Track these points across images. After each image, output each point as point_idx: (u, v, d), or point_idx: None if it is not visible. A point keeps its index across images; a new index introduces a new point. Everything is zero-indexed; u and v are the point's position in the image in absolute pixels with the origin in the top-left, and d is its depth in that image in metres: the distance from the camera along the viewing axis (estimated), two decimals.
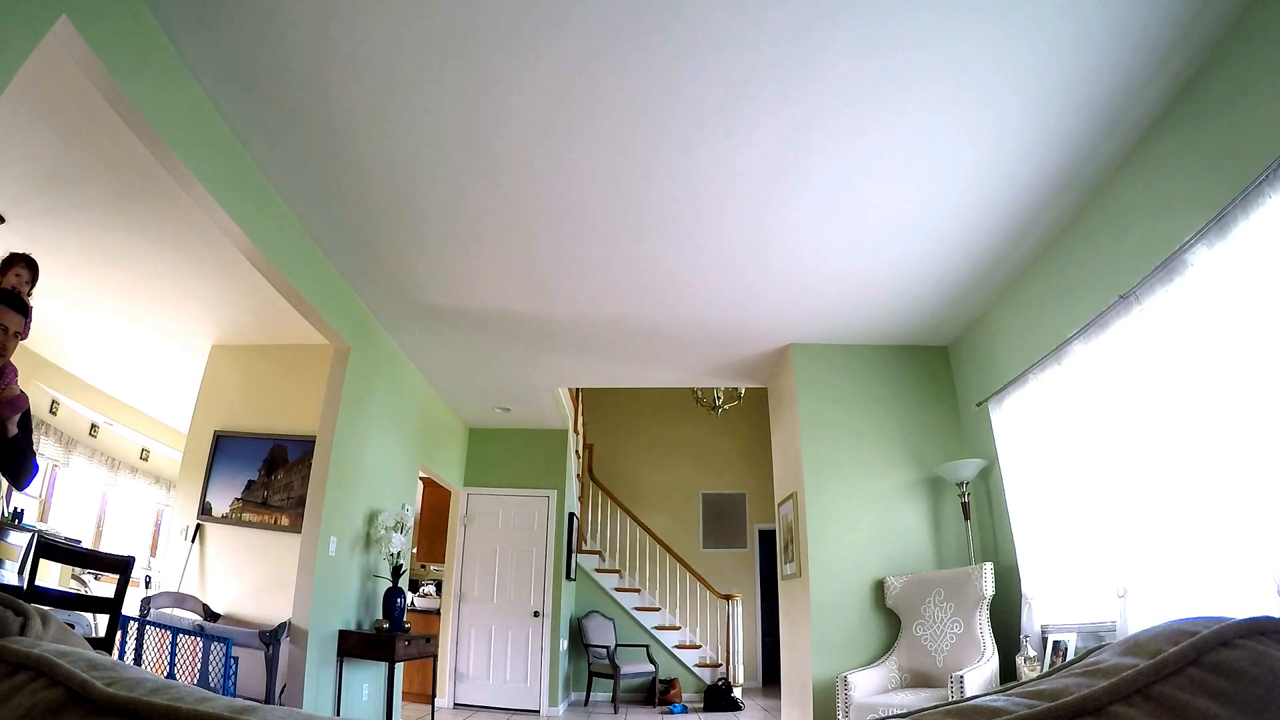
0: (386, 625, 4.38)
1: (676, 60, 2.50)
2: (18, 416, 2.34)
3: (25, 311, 2.39)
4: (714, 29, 2.37)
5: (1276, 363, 2.18)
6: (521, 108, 2.74)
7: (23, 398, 2.35)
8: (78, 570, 5.65)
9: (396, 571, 4.74)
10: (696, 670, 7.39)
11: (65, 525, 6.28)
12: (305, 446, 4.72)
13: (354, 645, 4.18)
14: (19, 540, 5.17)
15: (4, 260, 2.60)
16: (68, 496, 6.54)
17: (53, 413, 6.10)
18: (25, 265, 2.61)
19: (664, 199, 3.29)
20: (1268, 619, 0.41)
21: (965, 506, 4.17)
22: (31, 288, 2.63)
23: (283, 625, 3.75)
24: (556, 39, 2.42)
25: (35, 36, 1.95)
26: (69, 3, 2.01)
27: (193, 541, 4.77)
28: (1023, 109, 2.71)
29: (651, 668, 7.13)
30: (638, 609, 7.63)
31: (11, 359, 2.36)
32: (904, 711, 0.47)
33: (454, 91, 2.66)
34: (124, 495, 7.46)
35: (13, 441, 2.32)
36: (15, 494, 5.61)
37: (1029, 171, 3.07)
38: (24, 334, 2.50)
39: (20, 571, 4.56)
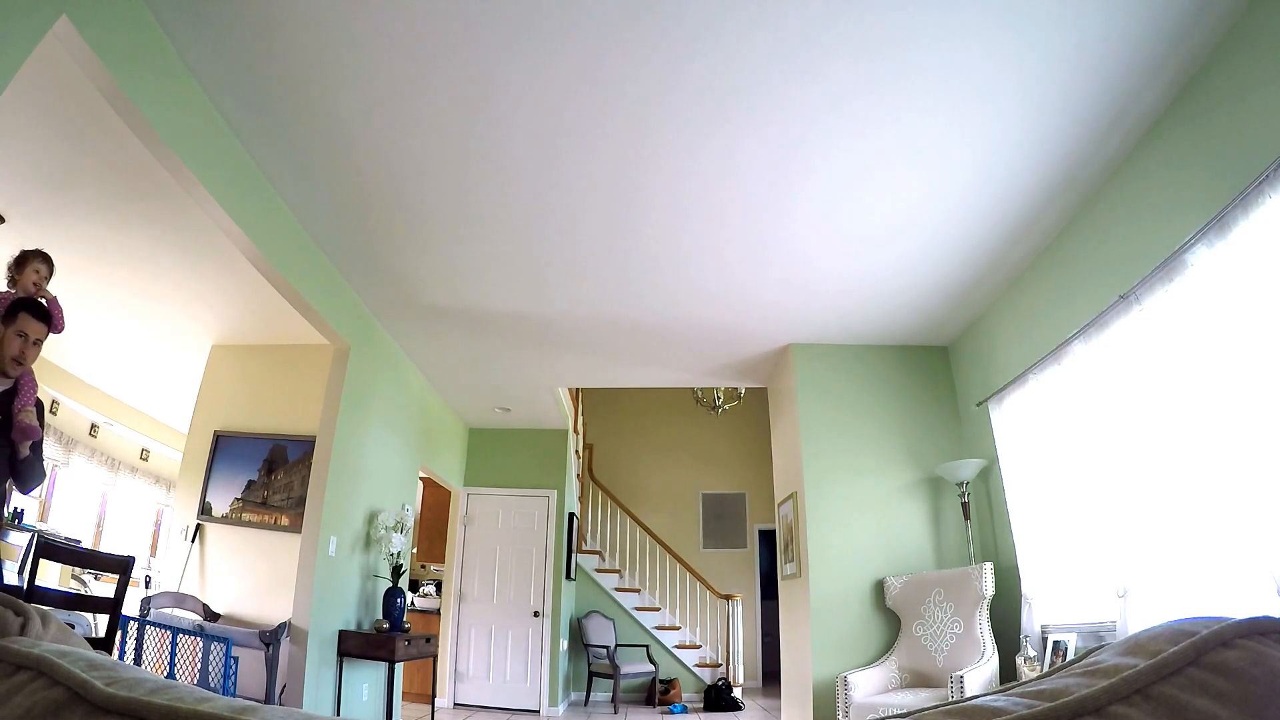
0: (386, 625, 4.38)
1: (677, 61, 2.50)
2: (29, 444, 2.30)
3: (47, 319, 2.35)
4: (714, 29, 2.37)
5: (1276, 363, 2.18)
6: (522, 109, 2.74)
7: (35, 429, 2.30)
8: (78, 570, 5.65)
9: (396, 571, 4.74)
10: (696, 670, 7.39)
11: (65, 525, 6.28)
12: (305, 446, 4.73)
13: (354, 645, 4.18)
14: (19, 540, 5.18)
15: (18, 258, 2.52)
16: (68, 496, 6.54)
17: (53, 413, 6.10)
18: (43, 261, 2.54)
19: (664, 199, 3.29)
20: (1268, 619, 0.41)
21: (965, 506, 4.16)
22: (48, 282, 2.58)
23: (283, 625, 3.75)
24: (557, 39, 2.42)
25: (35, 36, 1.95)
26: (69, 3, 2.01)
27: (193, 541, 4.77)
28: (1023, 109, 2.71)
29: (651, 668, 7.13)
30: (638, 609, 7.63)
31: (30, 367, 2.33)
32: (904, 711, 0.47)
33: (455, 91, 2.66)
34: (124, 495, 7.46)
35: (24, 460, 2.31)
36: (15, 494, 5.61)
37: (1029, 171, 3.07)
38: (59, 326, 2.48)
39: (20, 571, 4.56)
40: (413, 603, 7.08)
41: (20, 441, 2.25)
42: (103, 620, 2.94)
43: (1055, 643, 3.25)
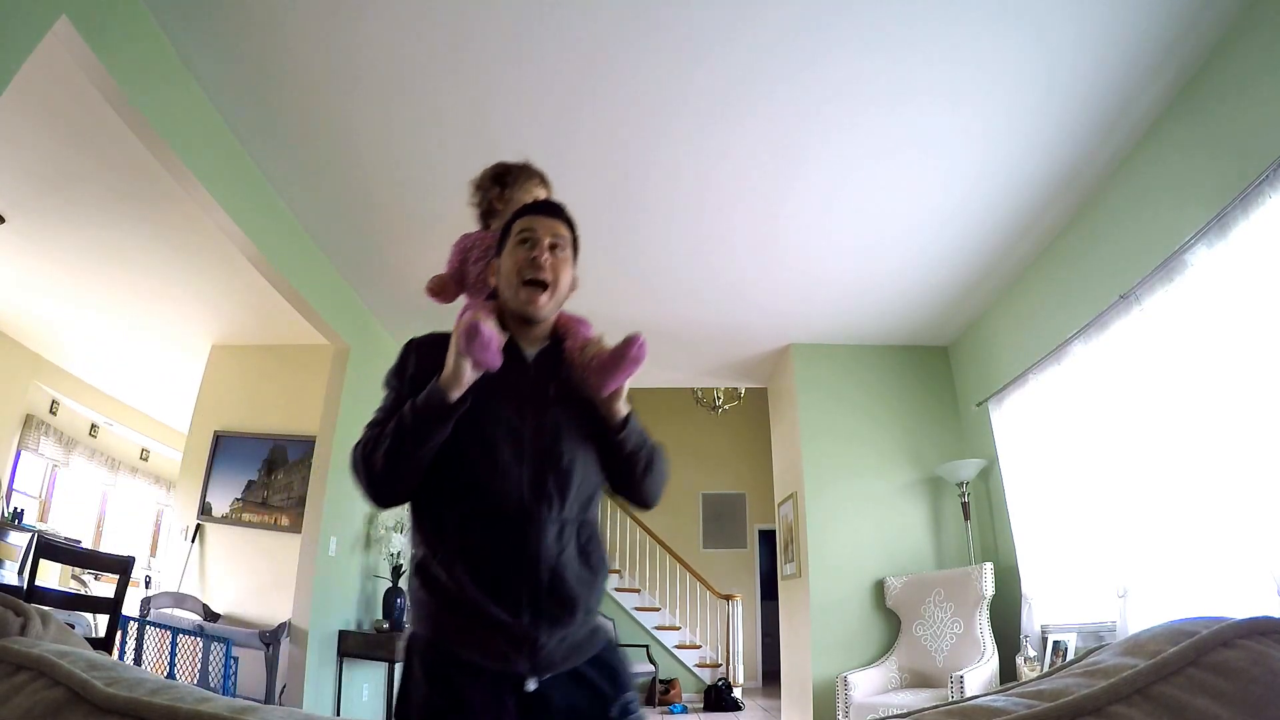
0: (386, 625, 4.38)
1: (676, 61, 2.50)
2: (628, 378, 1.22)
3: (573, 227, 1.44)
4: (715, 27, 2.37)
5: (1276, 363, 2.18)
6: (522, 108, 2.74)
7: (622, 359, 1.21)
8: (78, 570, 5.65)
9: (396, 571, 4.74)
10: (696, 670, 7.39)
11: (65, 525, 6.28)
12: (305, 446, 4.72)
13: (354, 645, 4.18)
14: (19, 540, 5.17)
15: (497, 173, 1.72)
16: (68, 496, 6.54)
17: (53, 413, 6.10)
18: (541, 182, 1.72)
19: (664, 199, 3.29)
20: (1268, 619, 0.41)
21: (965, 506, 4.16)
22: None
23: (283, 625, 3.75)
24: (556, 39, 2.42)
25: (35, 37, 1.95)
26: (69, 3, 2.01)
27: (193, 541, 4.77)
28: (1023, 109, 2.71)
29: (651, 668, 7.13)
30: (638, 609, 7.63)
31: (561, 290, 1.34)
32: (904, 711, 0.47)
33: (455, 91, 2.66)
34: (124, 495, 7.46)
35: (628, 437, 1.23)
36: (14, 494, 5.61)
37: (1029, 172, 3.07)
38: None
39: (20, 571, 4.56)
40: None
41: (603, 386, 1.20)
42: (103, 620, 2.94)
43: (1055, 643, 3.25)
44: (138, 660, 3.70)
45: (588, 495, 1.20)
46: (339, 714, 4.05)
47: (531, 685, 1.04)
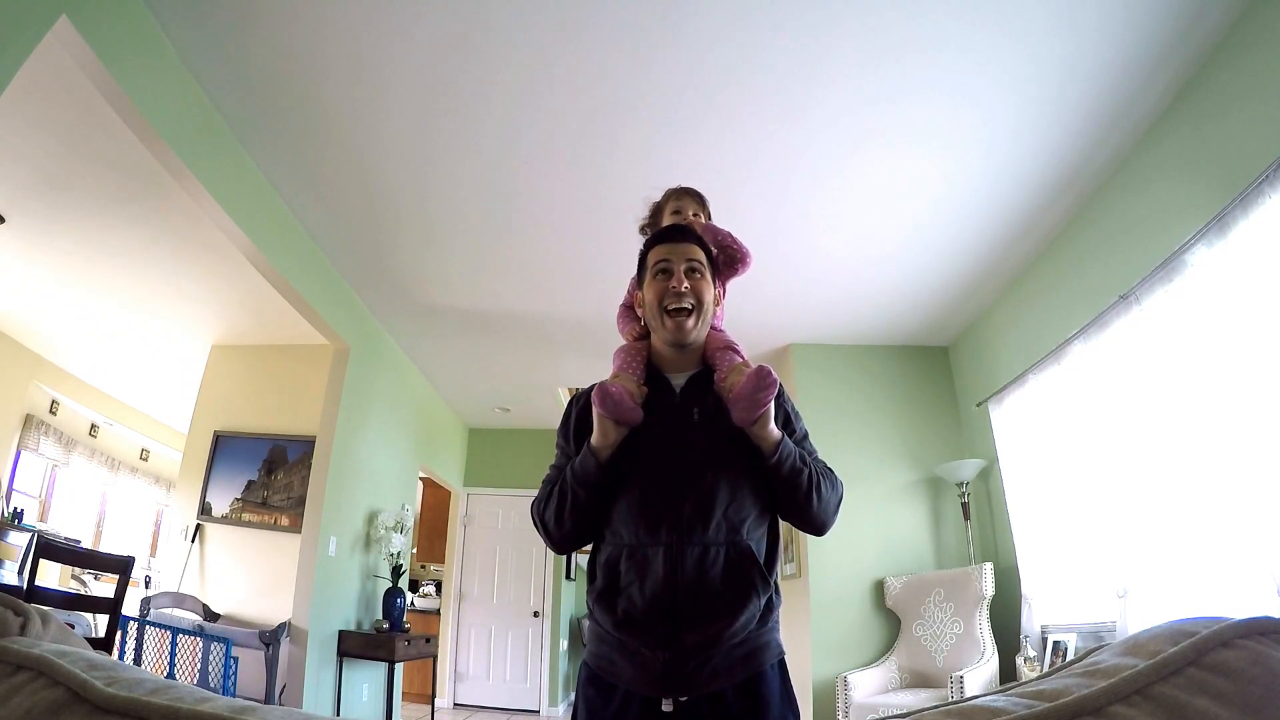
0: (386, 625, 4.38)
1: (674, 62, 2.50)
2: (766, 408, 1.19)
3: (705, 246, 1.41)
4: (711, 30, 2.37)
5: (1276, 363, 2.18)
6: (523, 107, 2.74)
7: (751, 387, 1.17)
8: (78, 570, 5.65)
9: (396, 571, 4.74)
10: None
11: (65, 525, 6.28)
12: (305, 446, 4.72)
13: (354, 645, 4.18)
14: (19, 540, 5.17)
15: (649, 225, 1.79)
16: (68, 496, 6.54)
17: (53, 413, 6.10)
18: (684, 196, 1.73)
19: None
20: (1267, 619, 0.41)
21: (965, 506, 4.16)
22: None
23: (283, 625, 3.75)
24: (557, 42, 2.42)
25: (35, 36, 1.95)
26: (69, 3, 2.01)
27: (193, 541, 4.77)
28: (1022, 110, 2.71)
29: None
30: None
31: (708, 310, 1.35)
32: (904, 711, 0.47)
33: (455, 93, 2.66)
34: (124, 495, 7.46)
35: (782, 462, 1.23)
36: (14, 494, 5.61)
37: (1029, 172, 3.07)
38: (742, 260, 1.70)
39: (20, 571, 4.56)
40: (413, 603, 7.07)
41: (749, 414, 1.18)
42: (103, 620, 2.94)
43: (1055, 643, 3.25)
44: (138, 660, 3.70)
45: (740, 518, 1.19)
46: (339, 714, 4.05)
47: (667, 706, 1.09)
